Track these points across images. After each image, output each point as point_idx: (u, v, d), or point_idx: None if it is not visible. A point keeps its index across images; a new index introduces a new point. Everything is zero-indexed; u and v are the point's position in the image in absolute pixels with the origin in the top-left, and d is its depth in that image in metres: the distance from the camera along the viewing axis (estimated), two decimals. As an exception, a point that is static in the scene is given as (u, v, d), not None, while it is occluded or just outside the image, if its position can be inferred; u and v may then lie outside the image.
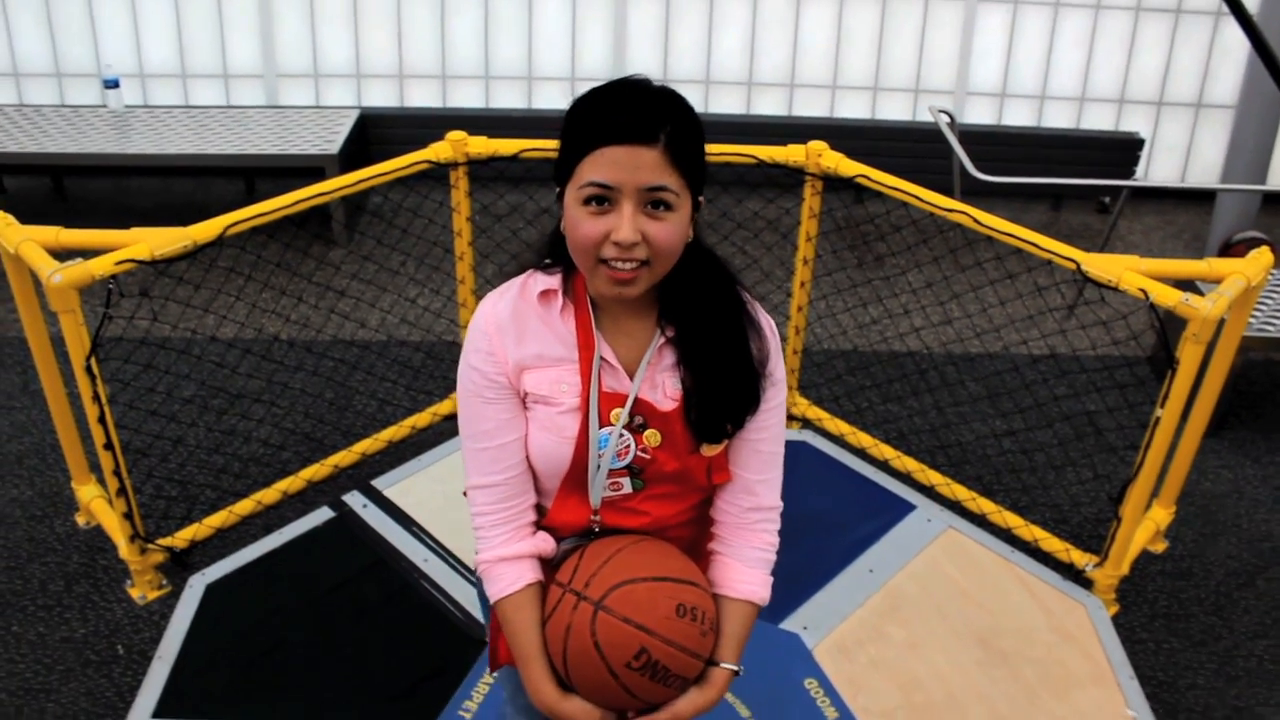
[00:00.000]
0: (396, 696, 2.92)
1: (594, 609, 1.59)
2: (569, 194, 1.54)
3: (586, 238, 1.51)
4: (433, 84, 6.45)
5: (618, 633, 1.58)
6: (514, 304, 1.66)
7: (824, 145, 3.68)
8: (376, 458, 3.96)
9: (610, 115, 1.49)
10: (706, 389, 1.64)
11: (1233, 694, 3.22)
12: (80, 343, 2.95)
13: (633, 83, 1.53)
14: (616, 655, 1.59)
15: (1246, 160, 5.61)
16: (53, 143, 5.42)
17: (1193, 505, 3.98)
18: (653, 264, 1.53)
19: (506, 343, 1.64)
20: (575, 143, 1.52)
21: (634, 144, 1.47)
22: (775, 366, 1.71)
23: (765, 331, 1.70)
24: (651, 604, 1.60)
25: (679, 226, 1.54)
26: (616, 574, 1.61)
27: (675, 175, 1.51)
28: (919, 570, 3.42)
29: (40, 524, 3.70)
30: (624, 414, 1.64)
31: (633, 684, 1.60)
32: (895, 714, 2.93)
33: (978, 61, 6.43)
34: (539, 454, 1.67)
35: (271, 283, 5.15)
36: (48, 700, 3.05)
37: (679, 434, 1.66)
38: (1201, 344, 2.95)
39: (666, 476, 1.69)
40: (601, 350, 1.64)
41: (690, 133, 1.53)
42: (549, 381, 1.64)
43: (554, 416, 1.64)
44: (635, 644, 1.58)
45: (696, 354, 1.65)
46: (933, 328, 5.08)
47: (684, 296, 1.64)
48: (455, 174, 3.72)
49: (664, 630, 1.59)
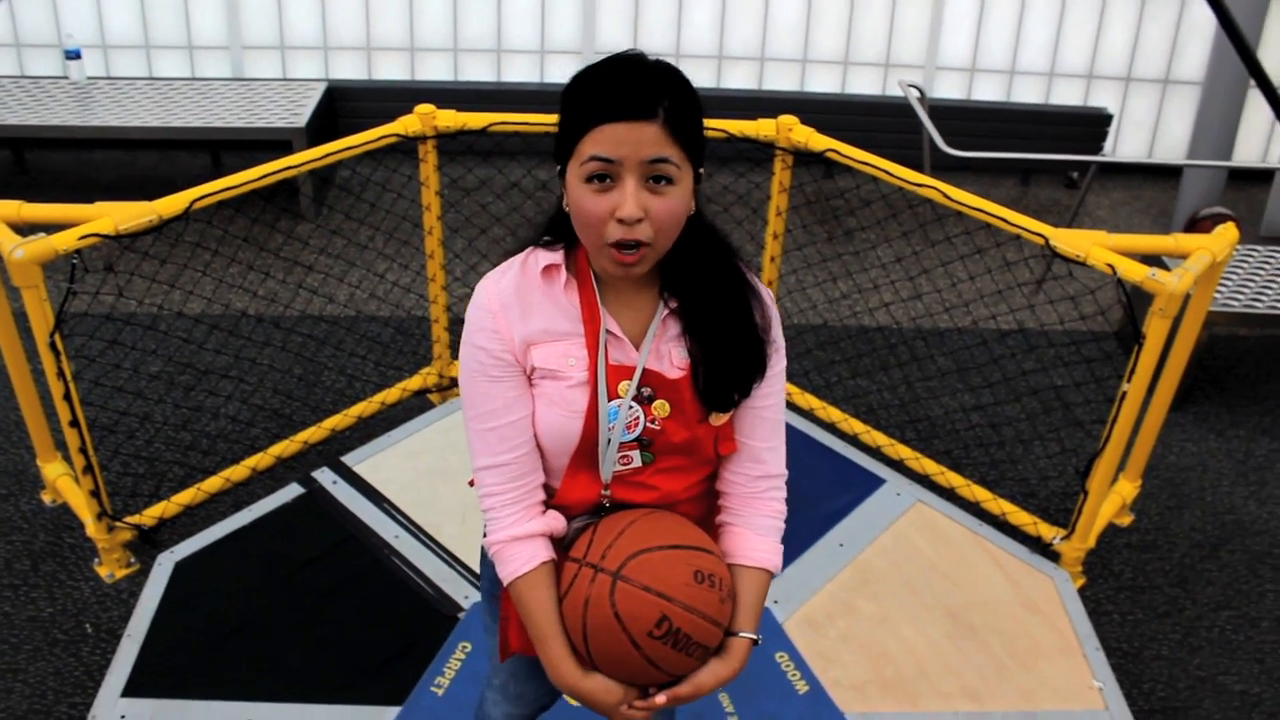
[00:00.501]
0: (368, 673, 2.92)
1: (612, 579, 1.59)
2: (571, 172, 1.54)
3: (591, 214, 1.52)
4: (401, 56, 6.39)
5: (638, 601, 1.58)
6: (516, 281, 1.66)
7: (794, 120, 3.68)
8: (346, 434, 3.95)
9: (609, 91, 1.50)
10: (714, 356, 1.66)
11: (1195, 664, 3.27)
12: (44, 319, 2.91)
13: (629, 58, 1.54)
14: (638, 625, 1.58)
15: (1213, 136, 5.66)
16: (13, 115, 5.33)
17: (1158, 479, 4.03)
18: (656, 240, 1.54)
19: (511, 319, 1.64)
20: (575, 120, 1.53)
21: (634, 119, 1.48)
22: (777, 333, 1.73)
23: (766, 300, 1.73)
24: (670, 571, 1.60)
25: (681, 200, 1.55)
26: (632, 544, 1.61)
27: (676, 148, 1.51)
28: (888, 544, 3.44)
29: (5, 502, 3.66)
30: (632, 385, 1.64)
31: (655, 654, 1.59)
32: (865, 687, 2.95)
33: (947, 36, 6.43)
34: (548, 430, 1.67)
35: (238, 257, 5.10)
36: (15, 680, 3.03)
37: (687, 402, 1.67)
38: (1167, 319, 2.98)
39: (675, 448, 1.69)
40: (607, 323, 1.64)
41: (689, 105, 1.54)
42: (556, 355, 1.64)
43: (562, 391, 1.64)
44: (656, 612, 1.57)
45: (702, 322, 1.66)
46: (902, 303, 5.10)
47: (685, 268, 1.66)
48: (424, 148, 3.69)
49: (683, 597, 1.59)
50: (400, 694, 2.86)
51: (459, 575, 3.24)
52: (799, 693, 2.92)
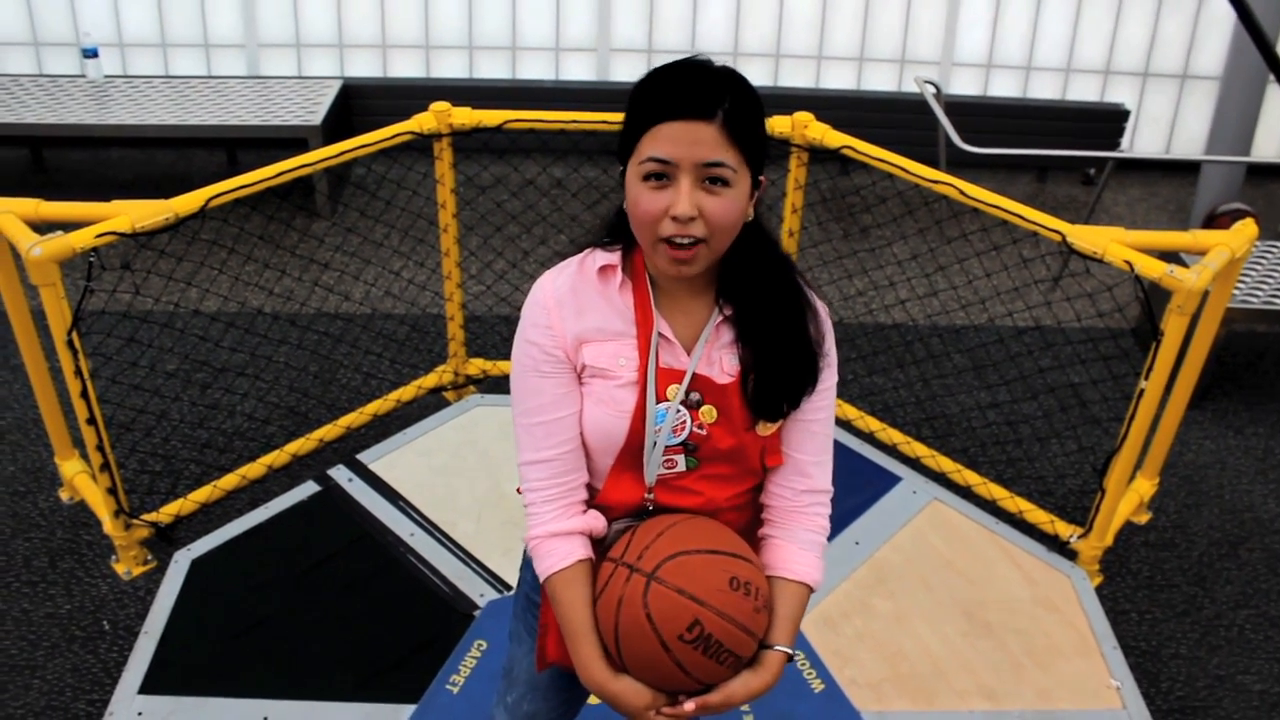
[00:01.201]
0: (383, 670, 2.92)
1: (647, 580, 1.58)
2: (630, 170, 1.56)
3: (646, 213, 1.53)
4: (416, 54, 6.39)
5: (670, 603, 1.57)
6: (573, 279, 1.67)
7: (810, 116, 3.66)
8: (361, 431, 3.95)
9: (669, 92, 1.51)
10: (765, 365, 1.66)
11: (1214, 663, 3.25)
12: (61, 317, 2.92)
13: (693, 61, 1.55)
14: (669, 627, 1.57)
15: (1231, 131, 5.61)
16: (31, 113, 5.35)
17: (1176, 476, 4.01)
18: (710, 240, 1.54)
19: (565, 315, 1.65)
20: (636, 120, 1.54)
21: (691, 119, 1.49)
22: (830, 348, 1.73)
23: (821, 314, 1.72)
24: (705, 575, 1.59)
25: (737, 203, 1.55)
26: (669, 546, 1.61)
27: (733, 151, 1.52)
28: (904, 542, 3.43)
29: (23, 500, 3.68)
30: (681, 389, 1.64)
31: (685, 659, 1.58)
32: (881, 686, 2.94)
33: (963, 32, 6.40)
34: (595, 429, 1.67)
35: (254, 255, 5.11)
36: (33, 677, 3.04)
37: (735, 409, 1.66)
38: (1186, 316, 2.96)
39: (721, 455, 1.69)
40: (659, 326, 1.65)
41: (750, 110, 1.54)
42: (607, 355, 1.65)
43: (612, 390, 1.65)
44: (688, 615, 1.56)
45: (755, 330, 1.66)
46: (918, 300, 5.08)
47: (741, 275, 1.66)
48: (439, 145, 3.69)
49: (717, 602, 1.58)
50: (416, 692, 2.86)
51: (474, 573, 3.24)
52: (815, 691, 2.92)
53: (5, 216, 2.96)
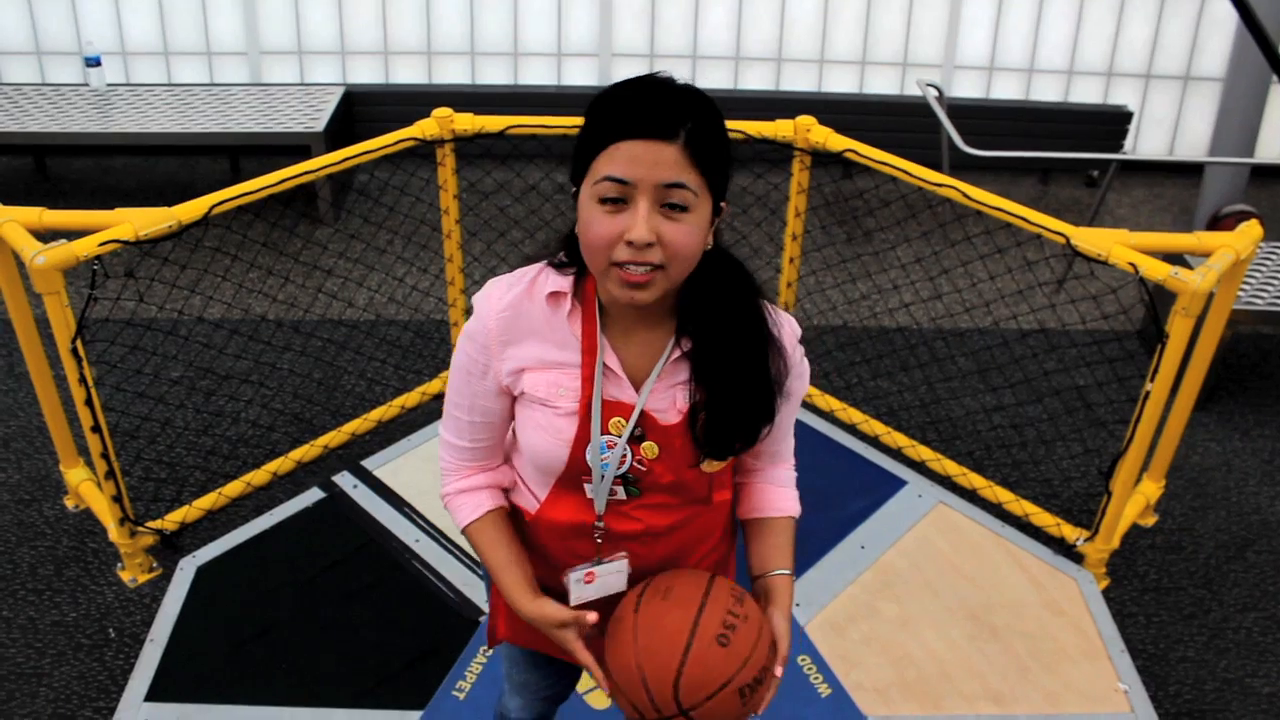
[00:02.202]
0: (390, 677, 2.92)
1: None
2: (584, 192, 1.47)
3: (600, 237, 1.45)
4: (418, 60, 6.39)
5: (719, 710, 1.59)
6: (520, 301, 1.60)
7: (812, 120, 3.66)
8: (366, 438, 3.95)
9: (629, 109, 1.43)
10: (718, 407, 1.60)
11: (1222, 666, 3.24)
12: (65, 324, 2.92)
13: (655, 79, 1.48)
14: None
15: (1235, 133, 5.60)
16: (34, 122, 5.36)
17: (1182, 479, 4.00)
18: (668, 268, 1.46)
19: (507, 341, 1.62)
20: (593, 137, 1.46)
21: (652, 139, 1.41)
22: (795, 382, 1.69)
23: (786, 348, 1.65)
24: (717, 669, 1.58)
25: (697, 229, 1.47)
26: (692, 696, 1.57)
27: (694, 174, 1.44)
28: (910, 546, 3.42)
29: (29, 508, 3.68)
30: (628, 427, 1.61)
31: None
32: (888, 690, 2.94)
33: (965, 34, 6.40)
34: (534, 454, 1.66)
35: (258, 262, 5.12)
36: (40, 684, 3.04)
37: (678, 449, 1.62)
38: (1191, 317, 2.95)
39: (663, 488, 1.67)
40: (605, 357, 1.59)
41: (713, 133, 1.47)
42: (546, 384, 1.61)
43: (552, 418, 1.61)
44: (735, 704, 1.59)
45: (712, 370, 1.60)
46: (922, 303, 5.07)
47: (703, 308, 1.58)
48: (442, 151, 3.69)
49: (748, 676, 1.59)
50: (422, 699, 2.86)
51: (480, 579, 3.23)
52: (821, 696, 2.91)
53: (9, 225, 2.97)
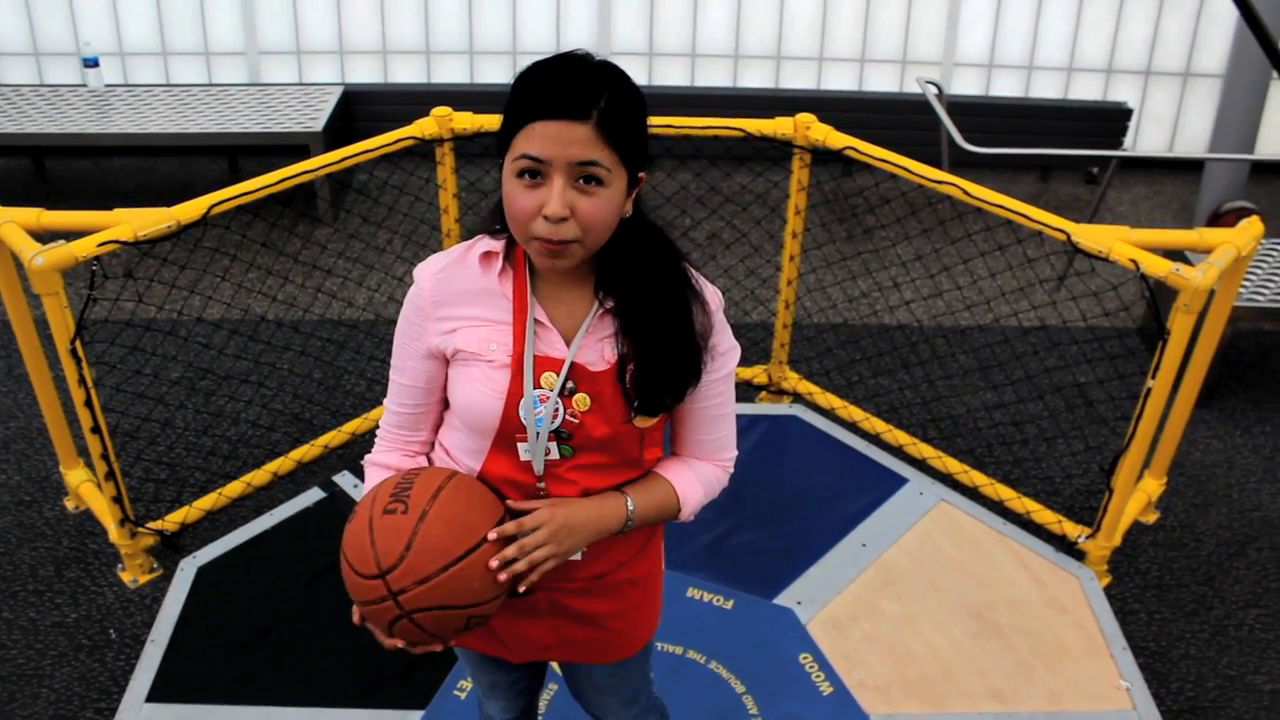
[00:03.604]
0: (391, 677, 2.91)
1: (405, 615, 1.60)
2: (506, 165, 1.56)
3: (521, 210, 1.53)
4: (417, 60, 6.39)
5: (439, 620, 1.60)
6: (453, 266, 1.69)
7: (812, 118, 3.66)
8: (366, 437, 3.94)
9: (543, 90, 1.50)
10: (645, 358, 1.66)
11: (1224, 663, 3.24)
12: (64, 325, 2.92)
13: (571, 57, 1.53)
14: (446, 629, 1.62)
15: (1235, 129, 5.60)
16: (32, 123, 5.35)
17: (1183, 476, 3.99)
18: (583, 239, 1.54)
19: (439, 303, 1.69)
20: (512, 116, 1.53)
21: (565, 119, 1.48)
22: (721, 339, 1.73)
23: (710, 305, 1.71)
24: (462, 587, 1.60)
25: (610, 202, 1.54)
26: (417, 568, 1.59)
27: (607, 151, 1.50)
28: (912, 544, 3.42)
29: (29, 509, 3.67)
30: (560, 379, 1.65)
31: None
32: (890, 688, 2.93)
33: (965, 32, 6.40)
34: (468, 408, 1.69)
35: (257, 262, 5.11)
36: (41, 686, 3.03)
37: (609, 397, 1.67)
38: (1192, 314, 2.95)
39: (595, 443, 1.69)
40: (534, 312, 1.66)
41: (627, 109, 1.53)
42: (479, 339, 1.67)
43: (485, 370, 1.66)
44: (460, 621, 1.62)
45: (635, 324, 1.66)
46: (923, 300, 5.07)
47: (622, 269, 1.65)
48: (441, 150, 3.69)
49: (481, 595, 1.61)
50: (423, 698, 2.86)
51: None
52: (823, 694, 2.91)
53: (7, 226, 2.96)
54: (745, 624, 3.12)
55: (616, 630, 1.94)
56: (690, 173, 5.91)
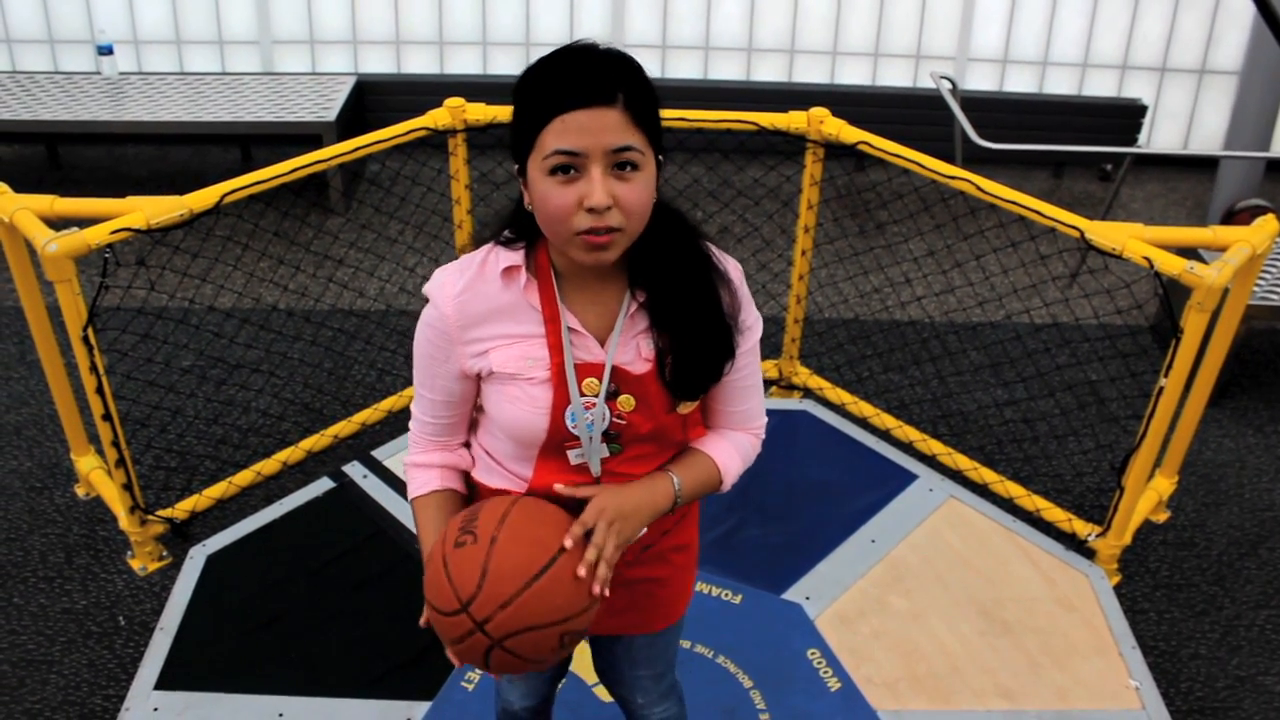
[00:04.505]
0: (398, 667, 2.92)
1: (493, 644, 1.56)
2: (532, 167, 1.51)
3: (559, 209, 1.49)
4: (430, 50, 6.38)
5: (532, 642, 1.56)
6: (474, 285, 1.65)
7: (825, 112, 3.65)
8: (376, 428, 3.95)
9: (567, 80, 1.47)
10: (682, 350, 1.65)
11: (1235, 663, 3.22)
12: (77, 312, 2.92)
13: (582, 47, 1.51)
14: (541, 653, 1.59)
15: (1250, 127, 5.57)
16: (46, 110, 5.36)
17: (1195, 475, 3.98)
18: (626, 227, 1.52)
19: (465, 326, 1.65)
20: (533, 113, 1.49)
21: (595, 106, 1.46)
22: (746, 313, 1.73)
23: (734, 282, 1.71)
24: (548, 603, 1.55)
25: (647, 186, 1.53)
26: (498, 591, 1.54)
27: (638, 134, 1.49)
28: (921, 540, 3.41)
29: (40, 495, 3.68)
30: (603, 385, 1.65)
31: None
32: (898, 684, 2.93)
33: (979, 27, 6.37)
34: (513, 427, 1.68)
35: (269, 251, 5.12)
36: (50, 671, 3.05)
37: (653, 394, 1.67)
38: (1206, 313, 2.93)
39: (642, 438, 1.71)
40: (567, 320, 1.63)
41: (646, 91, 1.52)
42: (515, 358, 1.64)
43: (526, 389, 1.65)
44: (554, 640, 1.57)
45: (670, 317, 1.65)
46: (934, 296, 5.06)
47: (652, 258, 1.64)
48: (453, 141, 3.69)
49: (575, 609, 1.57)
50: (431, 688, 2.86)
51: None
52: (831, 690, 2.90)
53: (21, 213, 2.97)
54: (753, 619, 3.12)
55: (661, 598, 1.97)
56: (703, 166, 5.90)
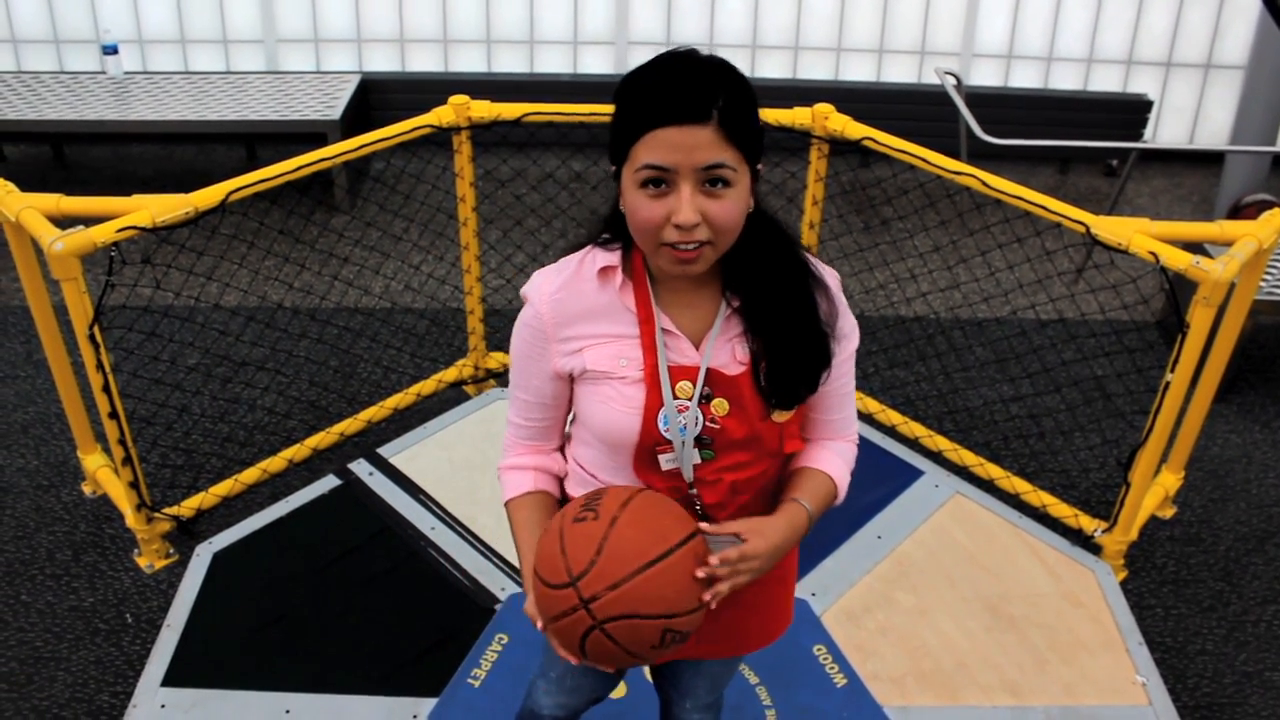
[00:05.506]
0: (404, 664, 2.92)
1: (598, 624, 1.52)
2: (626, 176, 1.51)
3: (647, 221, 1.49)
4: (434, 48, 6.38)
5: (634, 630, 1.52)
6: (569, 283, 1.65)
7: (830, 108, 3.64)
8: (382, 425, 3.95)
9: (660, 95, 1.45)
10: (777, 354, 1.63)
11: (1241, 659, 3.22)
12: (83, 311, 2.93)
13: (681, 56, 1.48)
14: (640, 646, 1.54)
15: (1256, 121, 5.56)
16: (52, 110, 5.37)
17: (1201, 470, 3.97)
18: (715, 242, 1.51)
19: (560, 324, 1.65)
20: (628, 125, 1.48)
21: (687, 124, 1.43)
22: (844, 322, 1.71)
23: (831, 289, 1.69)
24: (659, 589, 1.52)
25: (739, 202, 1.51)
26: (609, 572, 1.51)
27: (731, 150, 1.47)
28: (927, 536, 3.41)
29: (47, 493, 3.69)
30: (697, 388, 1.63)
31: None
32: (904, 680, 2.93)
33: (984, 22, 6.36)
34: (604, 428, 1.66)
35: (274, 250, 5.12)
36: (58, 669, 3.05)
37: (748, 399, 1.64)
38: (1212, 307, 2.93)
39: (736, 444, 1.67)
40: (662, 322, 1.62)
41: (743, 104, 1.48)
42: (609, 357, 1.64)
43: (619, 389, 1.64)
44: (656, 634, 1.53)
45: (765, 322, 1.63)
46: (940, 292, 5.05)
47: (748, 266, 1.62)
48: (458, 139, 3.69)
49: (682, 606, 1.54)
50: (437, 686, 2.86)
51: (495, 567, 3.24)
52: (837, 685, 2.90)
53: (28, 212, 2.97)
54: (759, 615, 3.12)
55: (758, 622, 1.94)
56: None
